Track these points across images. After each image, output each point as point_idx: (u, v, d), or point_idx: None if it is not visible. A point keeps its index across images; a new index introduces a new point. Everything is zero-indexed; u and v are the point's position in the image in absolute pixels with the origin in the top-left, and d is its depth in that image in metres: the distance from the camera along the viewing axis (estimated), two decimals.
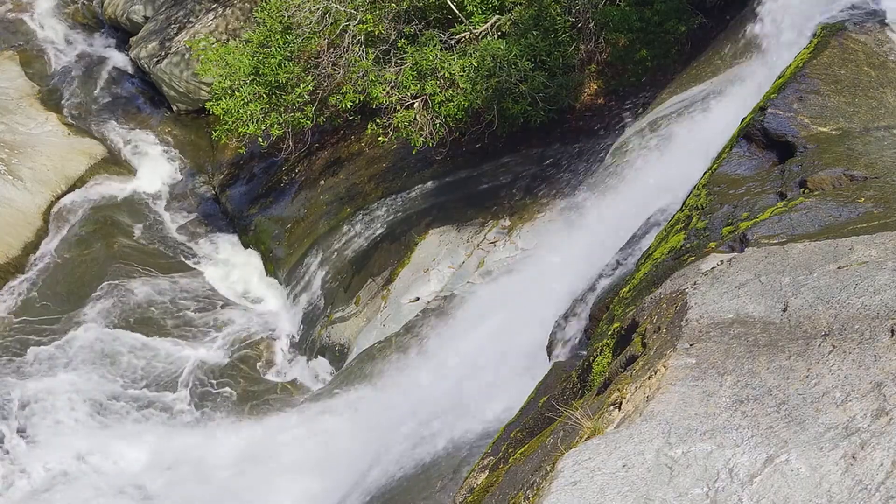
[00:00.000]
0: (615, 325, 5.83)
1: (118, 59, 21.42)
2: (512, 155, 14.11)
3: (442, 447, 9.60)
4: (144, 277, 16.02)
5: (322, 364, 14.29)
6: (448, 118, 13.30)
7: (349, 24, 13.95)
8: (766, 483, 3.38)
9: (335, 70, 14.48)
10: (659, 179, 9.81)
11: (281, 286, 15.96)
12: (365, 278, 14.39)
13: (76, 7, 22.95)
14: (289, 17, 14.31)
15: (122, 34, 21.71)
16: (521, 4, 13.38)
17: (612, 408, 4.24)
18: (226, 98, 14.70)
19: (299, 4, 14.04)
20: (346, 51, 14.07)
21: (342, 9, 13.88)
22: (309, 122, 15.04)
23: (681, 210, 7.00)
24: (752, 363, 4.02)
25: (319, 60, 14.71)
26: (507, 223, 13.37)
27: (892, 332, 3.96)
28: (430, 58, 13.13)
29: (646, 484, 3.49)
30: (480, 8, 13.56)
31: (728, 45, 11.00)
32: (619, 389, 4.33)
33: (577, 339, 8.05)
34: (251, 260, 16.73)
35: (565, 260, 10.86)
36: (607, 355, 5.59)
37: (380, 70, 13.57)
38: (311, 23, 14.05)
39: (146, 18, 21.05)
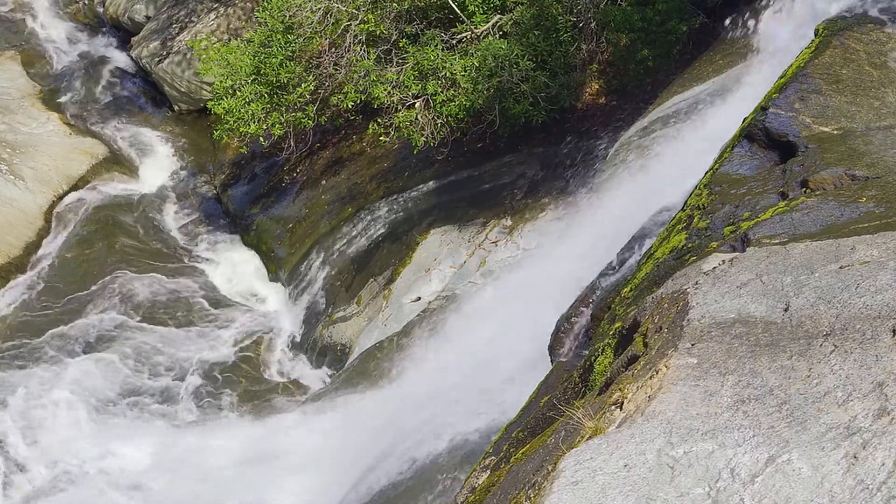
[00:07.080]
0: (617, 324, 5.83)
1: (119, 58, 21.43)
2: (513, 155, 14.10)
3: (443, 446, 9.60)
4: (146, 277, 16.03)
5: (323, 363, 14.30)
6: (449, 118, 13.30)
7: (351, 24, 13.95)
8: (768, 483, 3.38)
9: (337, 70, 14.47)
10: (659, 179, 9.81)
11: (282, 286, 15.96)
12: (366, 278, 14.39)
13: (77, 7, 22.96)
14: (290, 16, 14.31)
15: (124, 34, 21.73)
16: (522, 4, 13.37)
17: (613, 407, 4.24)
18: (227, 98, 14.70)
19: (301, 4, 14.04)
20: (348, 50, 14.07)
21: (344, 8, 13.88)
22: (310, 121, 15.04)
23: (682, 210, 7.00)
24: (754, 363, 4.02)
25: (321, 60, 14.71)
26: (509, 223, 13.37)
27: (894, 331, 3.95)
28: (432, 57, 13.13)
29: (647, 484, 3.49)
30: (482, 8, 13.56)
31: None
32: (620, 389, 4.33)
33: (579, 339, 8.04)
34: (252, 260, 16.74)
35: (567, 260, 10.85)
36: (609, 355, 5.59)
37: (381, 70, 13.57)
38: (312, 23, 14.05)
39: (148, 18, 21.06)
